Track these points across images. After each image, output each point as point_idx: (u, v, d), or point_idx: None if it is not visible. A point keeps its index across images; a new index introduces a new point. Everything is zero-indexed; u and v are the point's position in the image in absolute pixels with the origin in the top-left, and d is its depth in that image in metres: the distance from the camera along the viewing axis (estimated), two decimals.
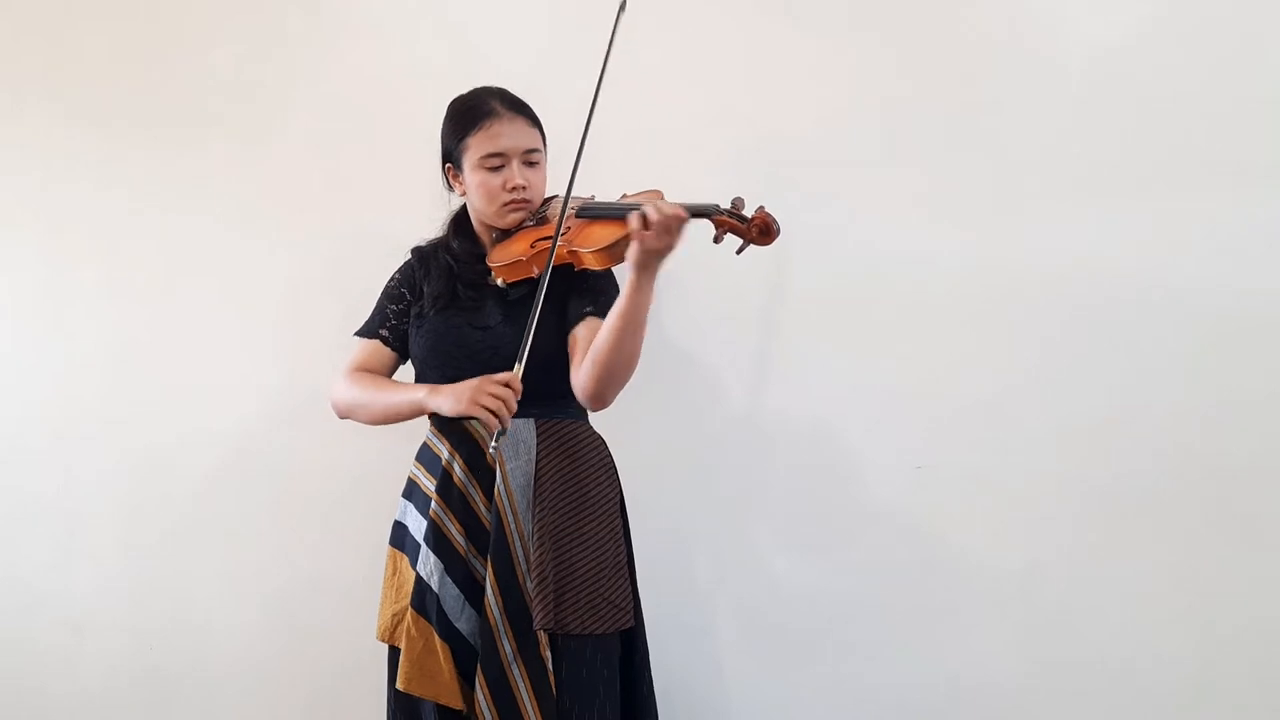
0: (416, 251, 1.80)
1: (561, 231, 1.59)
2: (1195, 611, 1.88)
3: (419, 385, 1.67)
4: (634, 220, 1.47)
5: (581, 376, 1.59)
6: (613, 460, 1.73)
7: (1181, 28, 1.88)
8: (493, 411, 1.50)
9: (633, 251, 1.48)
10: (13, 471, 2.33)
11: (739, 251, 1.53)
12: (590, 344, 1.58)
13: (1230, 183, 1.86)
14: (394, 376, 1.77)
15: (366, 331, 1.78)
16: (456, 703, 1.60)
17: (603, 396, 1.59)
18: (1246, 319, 1.86)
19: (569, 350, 1.64)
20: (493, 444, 1.53)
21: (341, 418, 1.76)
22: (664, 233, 1.45)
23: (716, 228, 1.51)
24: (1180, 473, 1.89)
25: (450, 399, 1.57)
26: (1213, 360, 1.87)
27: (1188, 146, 1.88)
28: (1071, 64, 1.92)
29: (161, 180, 2.27)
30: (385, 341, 1.76)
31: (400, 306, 1.77)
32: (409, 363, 1.78)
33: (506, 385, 1.52)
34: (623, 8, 1.59)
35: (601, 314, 1.62)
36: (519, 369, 1.53)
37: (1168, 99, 1.88)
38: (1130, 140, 1.90)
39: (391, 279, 1.81)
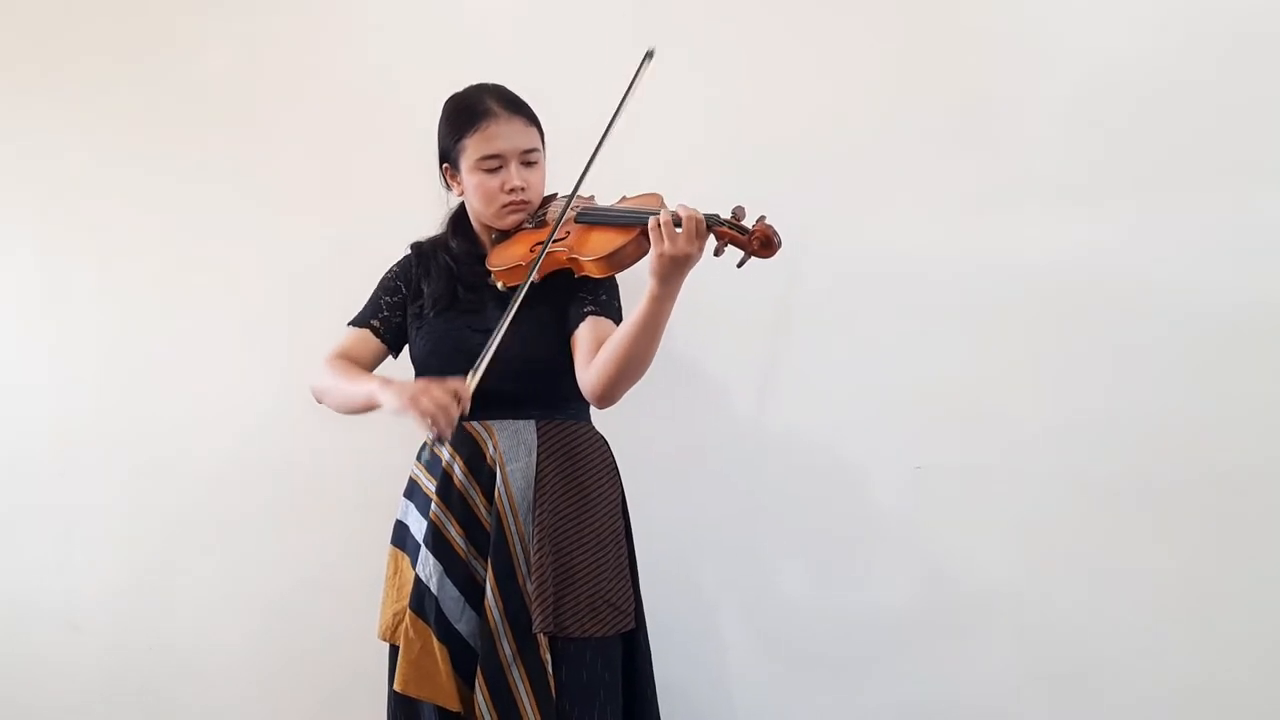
0: (415, 247, 1.79)
1: (558, 238, 1.57)
2: (1196, 613, 1.88)
3: (376, 376, 1.63)
4: (654, 224, 1.44)
5: (590, 375, 1.57)
6: (614, 461, 1.72)
7: (1181, 28, 1.87)
8: (431, 417, 1.45)
9: (654, 261, 1.45)
10: (12, 469, 2.33)
11: (740, 264, 1.48)
12: (594, 341, 1.58)
13: (1232, 183, 1.85)
14: (380, 370, 1.75)
15: (358, 321, 1.76)
16: (453, 704, 1.59)
17: (611, 395, 1.57)
18: (1248, 319, 1.85)
19: (572, 350, 1.63)
20: (429, 448, 1.49)
21: (317, 402, 1.75)
22: (693, 237, 1.42)
23: (718, 239, 1.47)
24: (1182, 473, 1.88)
25: (395, 396, 1.52)
26: (1215, 360, 1.86)
27: (1189, 146, 1.86)
28: (1072, 65, 1.91)
29: (161, 180, 2.26)
30: (375, 331, 1.74)
31: (395, 299, 1.76)
32: (398, 360, 1.77)
33: (453, 394, 1.47)
34: (649, 56, 1.55)
35: (602, 312, 1.62)
36: (473, 380, 1.49)
37: (1169, 99, 1.87)
38: (1131, 140, 1.89)
39: (389, 271, 1.80)
